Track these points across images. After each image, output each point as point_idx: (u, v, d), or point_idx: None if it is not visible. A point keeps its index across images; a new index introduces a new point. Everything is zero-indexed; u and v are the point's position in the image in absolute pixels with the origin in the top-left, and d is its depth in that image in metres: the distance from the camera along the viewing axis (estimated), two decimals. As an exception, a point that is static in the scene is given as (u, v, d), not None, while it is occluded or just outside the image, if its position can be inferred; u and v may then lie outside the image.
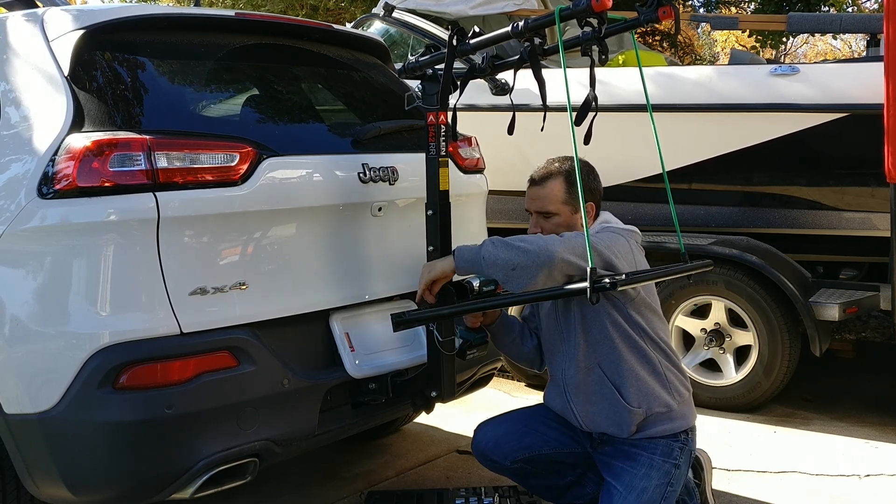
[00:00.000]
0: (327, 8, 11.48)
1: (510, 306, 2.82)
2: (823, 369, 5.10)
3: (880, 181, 3.79)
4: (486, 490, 3.19)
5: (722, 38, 23.36)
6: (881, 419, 4.23)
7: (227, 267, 2.37)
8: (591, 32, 2.46)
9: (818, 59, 24.88)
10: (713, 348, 4.39)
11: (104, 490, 2.28)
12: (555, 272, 2.30)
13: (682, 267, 2.64)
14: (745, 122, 4.29)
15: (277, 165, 2.49)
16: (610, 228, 2.59)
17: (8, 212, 2.28)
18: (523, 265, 2.31)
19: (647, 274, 2.51)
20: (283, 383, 2.44)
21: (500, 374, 4.69)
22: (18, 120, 2.42)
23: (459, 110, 2.74)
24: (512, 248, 2.35)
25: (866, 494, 3.31)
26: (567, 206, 2.61)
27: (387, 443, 3.95)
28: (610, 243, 2.44)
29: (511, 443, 2.68)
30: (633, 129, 4.23)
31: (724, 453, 3.67)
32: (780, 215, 4.43)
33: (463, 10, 5.53)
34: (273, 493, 3.38)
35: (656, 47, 14.74)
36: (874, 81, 3.80)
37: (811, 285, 4.29)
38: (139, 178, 2.23)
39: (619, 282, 2.21)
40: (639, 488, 2.46)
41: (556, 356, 2.65)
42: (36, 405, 2.22)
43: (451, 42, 2.64)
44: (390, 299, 2.86)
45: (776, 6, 10.97)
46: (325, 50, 3.16)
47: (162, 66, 2.60)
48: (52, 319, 2.22)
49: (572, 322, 2.56)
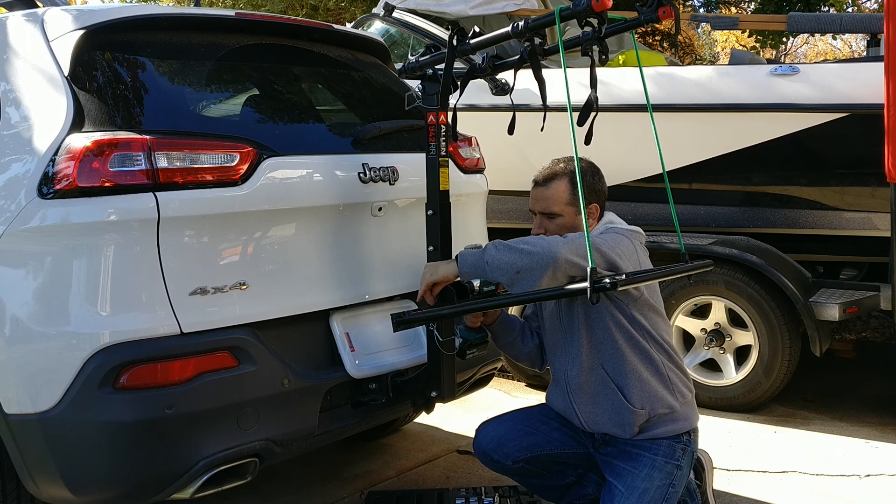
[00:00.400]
0: (327, 8, 11.48)
1: (510, 306, 2.81)
2: (824, 369, 5.10)
3: (880, 181, 3.79)
4: (486, 490, 3.19)
5: (722, 38, 23.35)
6: (881, 419, 4.23)
7: (228, 267, 2.37)
8: (592, 32, 2.46)
9: (818, 59, 24.88)
10: (713, 348, 4.39)
11: (104, 490, 2.28)
12: (559, 274, 2.30)
13: (682, 267, 2.64)
14: (746, 122, 4.29)
15: (277, 165, 2.49)
16: (614, 229, 2.59)
17: (8, 212, 2.28)
18: (527, 268, 2.31)
19: (647, 274, 2.51)
20: (284, 383, 2.44)
21: (500, 373, 4.69)
22: (19, 120, 2.42)
23: (460, 110, 2.74)
24: (515, 252, 2.35)
25: (867, 494, 3.31)
26: (571, 208, 2.61)
27: (387, 443, 3.95)
28: (614, 244, 2.44)
29: (513, 442, 2.68)
30: (634, 129, 4.23)
31: (725, 453, 3.67)
32: (780, 215, 4.43)
33: (463, 9, 5.53)
34: (273, 493, 3.38)
35: (656, 47, 14.73)
36: (874, 81, 3.80)
37: (811, 285, 4.29)
38: (139, 178, 2.23)
39: (620, 282, 2.21)
40: (640, 489, 2.45)
41: (559, 356, 2.65)
42: (36, 405, 2.22)
43: (451, 42, 2.64)
44: (390, 299, 2.86)
45: (776, 6, 10.97)
46: (326, 50, 3.15)
47: (162, 66, 2.60)
48: (52, 319, 2.22)
49: (576, 323, 2.56)
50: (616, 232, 2.56)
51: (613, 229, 2.59)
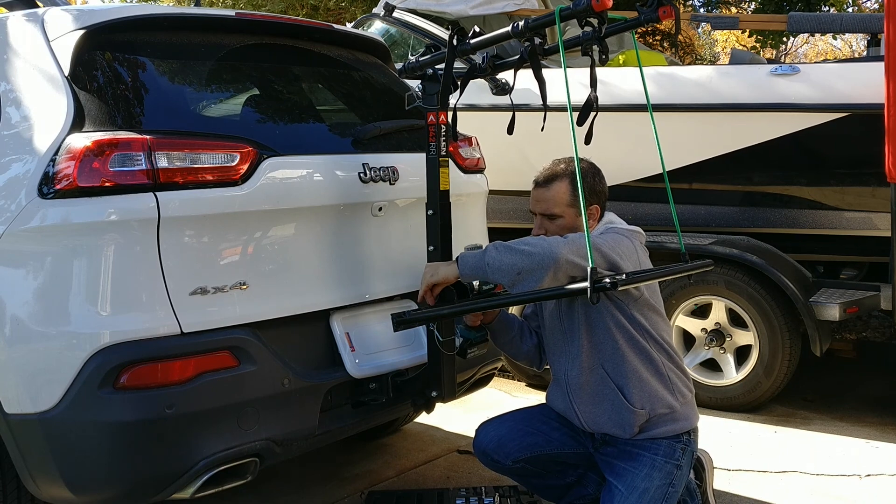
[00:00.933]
0: (328, 8, 11.47)
1: (510, 306, 2.82)
2: (824, 369, 5.10)
3: (881, 181, 3.79)
4: (486, 490, 3.19)
5: (722, 37, 23.34)
6: (882, 419, 4.23)
7: (228, 267, 2.37)
8: (592, 32, 2.46)
9: (819, 58, 24.87)
10: (714, 348, 4.39)
11: (105, 490, 2.28)
12: (560, 274, 2.30)
13: (682, 267, 2.64)
14: (746, 122, 4.29)
15: (278, 165, 2.49)
16: (614, 229, 2.59)
17: (8, 212, 2.28)
18: (528, 269, 2.31)
19: (647, 274, 2.51)
20: (284, 383, 2.44)
21: (500, 373, 4.69)
22: (19, 120, 2.42)
23: (460, 110, 2.74)
24: (516, 253, 2.34)
25: (867, 494, 3.31)
26: (572, 209, 2.60)
27: (387, 443, 3.95)
28: (614, 244, 2.44)
29: (513, 442, 2.68)
30: (634, 128, 4.23)
31: (725, 453, 3.67)
32: (780, 215, 4.43)
33: (463, 9, 5.53)
34: (273, 493, 3.38)
35: (657, 47, 14.73)
36: (875, 81, 3.80)
37: (812, 285, 4.29)
38: (140, 178, 2.23)
39: (620, 281, 2.21)
40: (640, 489, 2.46)
41: (559, 356, 2.65)
42: (36, 405, 2.22)
43: (451, 42, 2.64)
44: (390, 299, 2.86)
45: (776, 6, 10.96)
46: (326, 50, 3.15)
47: (162, 65, 2.60)
48: (52, 319, 2.22)
49: (576, 323, 2.56)
50: (616, 232, 2.56)
51: (613, 229, 2.59)
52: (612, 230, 2.58)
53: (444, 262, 2.58)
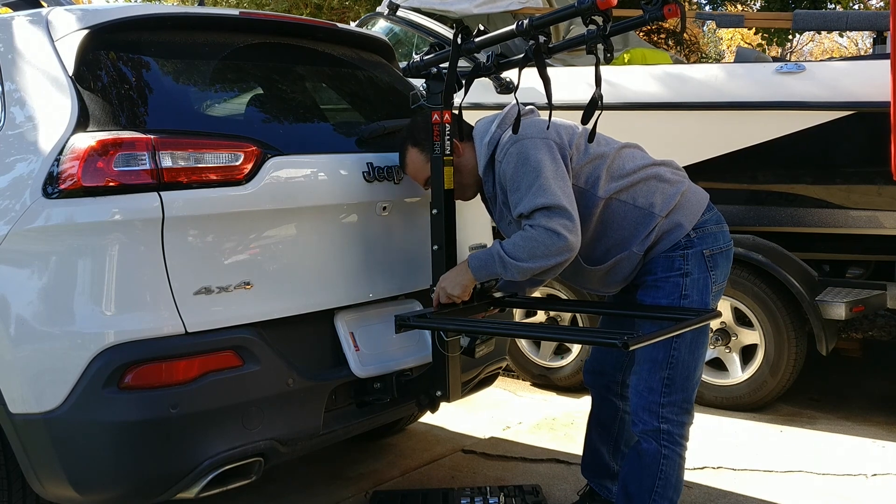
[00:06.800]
0: (331, 7, 11.49)
1: (519, 338, 2.82)
2: (830, 368, 5.08)
3: (887, 179, 3.78)
4: (491, 490, 3.18)
5: (727, 35, 23.30)
6: (888, 418, 4.21)
7: (232, 266, 2.37)
8: (597, 30, 2.45)
9: (824, 56, 24.81)
10: (719, 347, 4.37)
11: (109, 489, 2.28)
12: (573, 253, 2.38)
13: (691, 322, 2.62)
14: (751, 120, 4.27)
15: (282, 165, 2.49)
16: (510, 154, 2.48)
17: (13, 212, 2.28)
18: (548, 269, 2.39)
19: (662, 332, 2.45)
20: (288, 383, 2.44)
21: (505, 373, 4.68)
22: (23, 120, 2.42)
23: (464, 109, 2.73)
24: (529, 255, 2.38)
25: (873, 494, 3.30)
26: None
27: (392, 442, 3.95)
28: (541, 168, 2.40)
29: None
30: (638, 126, 4.21)
31: (731, 453, 3.66)
32: (786, 213, 4.41)
33: (467, 8, 5.51)
34: (278, 493, 3.38)
35: (662, 45, 14.71)
36: (881, 79, 3.78)
37: (817, 284, 4.27)
38: (144, 178, 2.23)
39: (632, 341, 2.13)
40: (652, 301, 2.51)
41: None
42: (41, 405, 2.23)
43: (455, 40, 2.64)
44: (395, 299, 2.86)
45: (782, 4, 10.94)
46: (330, 49, 3.15)
47: (166, 65, 2.60)
48: (57, 319, 2.22)
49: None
50: (524, 153, 2.45)
51: (511, 153, 2.48)
52: (511, 155, 2.47)
53: (456, 270, 2.58)
